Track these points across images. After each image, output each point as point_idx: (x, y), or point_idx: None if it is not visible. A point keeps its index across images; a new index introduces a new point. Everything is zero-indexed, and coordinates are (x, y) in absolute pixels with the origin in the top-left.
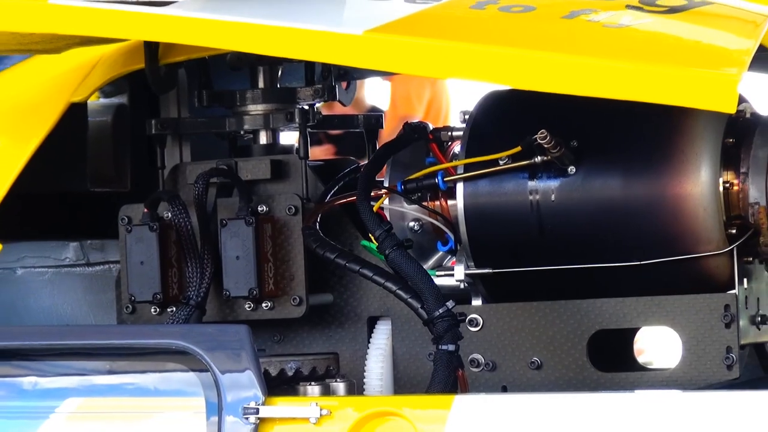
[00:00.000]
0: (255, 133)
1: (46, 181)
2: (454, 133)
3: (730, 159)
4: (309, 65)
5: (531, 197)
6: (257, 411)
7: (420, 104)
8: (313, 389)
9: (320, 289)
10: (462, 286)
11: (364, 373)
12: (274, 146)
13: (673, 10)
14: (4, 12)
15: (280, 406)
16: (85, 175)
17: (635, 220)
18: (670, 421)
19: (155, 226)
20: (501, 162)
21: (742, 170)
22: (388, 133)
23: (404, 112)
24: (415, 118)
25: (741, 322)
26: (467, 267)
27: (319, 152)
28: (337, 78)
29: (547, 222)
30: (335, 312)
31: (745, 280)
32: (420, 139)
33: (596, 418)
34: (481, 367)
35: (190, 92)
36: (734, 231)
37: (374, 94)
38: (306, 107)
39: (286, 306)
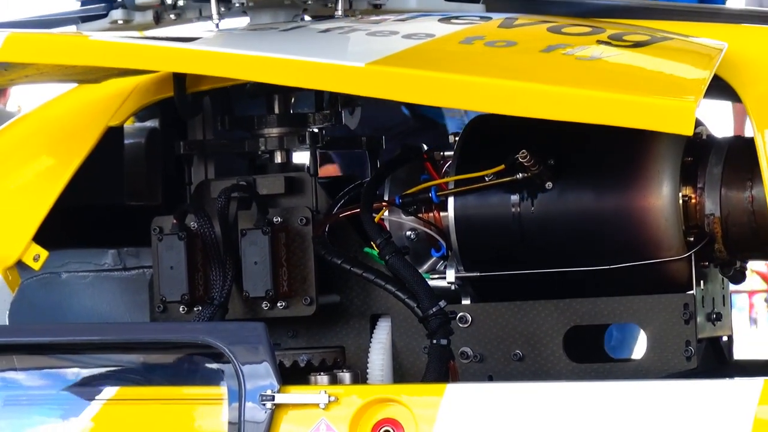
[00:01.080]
0: (271, 153)
1: (88, 196)
2: (446, 153)
3: (688, 175)
4: (318, 93)
5: (513, 209)
6: (273, 398)
7: None
8: (322, 378)
9: (328, 291)
10: (453, 287)
11: (367, 365)
12: (287, 165)
13: (638, 45)
14: (52, 47)
15: (293, 394)
16: (122, 191)
17: (605, 230)
18: (636, 407)
19: (183, 236)
20: (487, 179)
21: (699, 185)
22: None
23: None
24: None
25: (698, 319)
26: (457, 271)
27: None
28: (343, 105)
29: (527, 231)
30: (341, 311)
31: (702, 282)
32: (416, 159)
33: (571, 404)
34: (470, 359)
35: (213, 117)
36: (692, 239)
37: None
38: (316, 130)
39: (298, 305)
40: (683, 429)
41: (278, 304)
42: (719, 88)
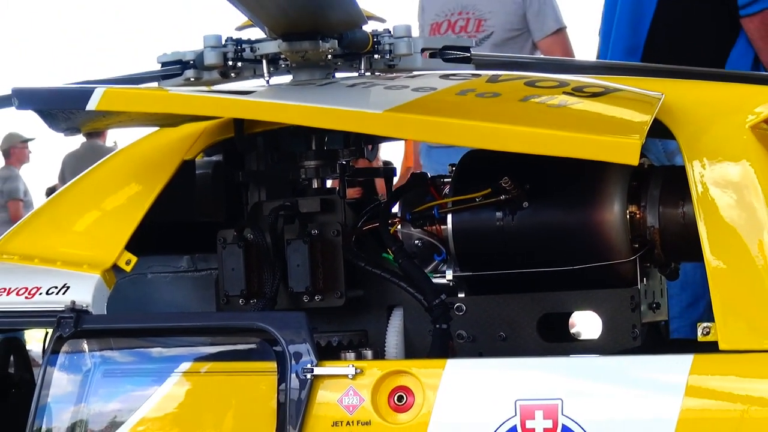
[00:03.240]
0: (309, 180)
1: (167, 214)
2: (445, 180)
3: (633, 196)
4: (346, 133)
5: (498, 223)
6: (312, 370)
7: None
8: (350, 355)
9: (354, 287)
10: (451, 284)
11: (385, 344)
12: (322, 189)
13: (595, 95)
14: (140, 99)
15: (327, 367)
16: (194, 210)
17: (570, 238)
18: (594, 377)
19: (242, 245)
20: (477, 200)
21: (642, 204)
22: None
23: (409, 164)
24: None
25: (642, 308)
26: (454, 271)
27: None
28: (364, 142)
29: (509, 240)
30: (365, 302)
31: (644, 279)
32: (422, 184)
33: (543, 374)
34: (464, 340)
35: (265, 153)
36: (637, 245)
37: (389, 151)
38: (344, 162)
39: (331, 298)
40: (631, 393)
41: (315, 297)
42: (659, 128)
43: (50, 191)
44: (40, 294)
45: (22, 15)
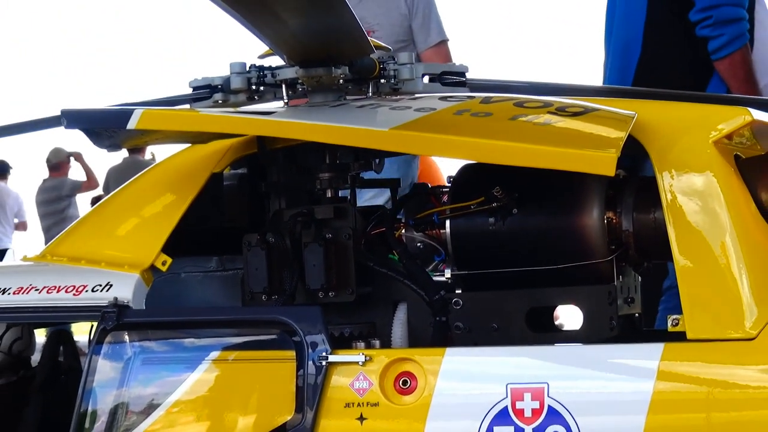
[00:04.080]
0: (324, 190)
1: (199, 220)
2: (444, 189)
3: (610, 203)
4: (356, 148)
5: (490, 227)
6: (326, 358)
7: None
8: (360, 344)
9: (364, 284)
10: (449, 281)
11: (391, 335)
12: (335, 198)
13: (575, 114)
14: (174, 119)
15: (340, 355)
16: (222, 217)
17: (554, 241)
18: (576, 362)
19: (264, 247)
20: (472, 207)
21: (618, 210)
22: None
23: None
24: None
25: (618, 302)
26: (452, 270)
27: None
28: (373, 156)
29: (500, 242)
30: (373, 298)
31: (620, 276)
32: (423, 194)
33: (531, 360)
34: (461, 331)
35: (284, 165)
36: (614, 247)
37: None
38: (354, 174)
39: (343, 294)
40: (609, 377)
41: (329, 294)
42: (632, 144)
43: (95, 200)
44: (87, 291)
45: (22, 15)
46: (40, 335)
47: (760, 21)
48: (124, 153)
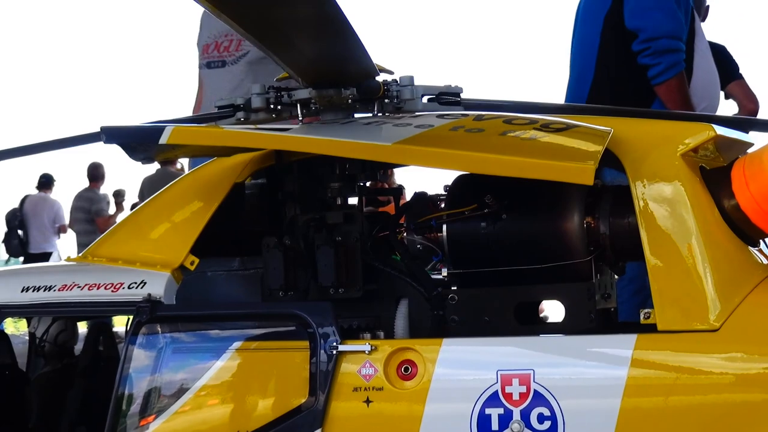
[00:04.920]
0: (334, 198)
1: (223, 225)
2: (441, 197)
3: (589, 209)
4: (363, 161)
5: (482, 231)
6: (336, 348)
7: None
8: (366, 335)
9: (370, 282)
10: (446, 279)
11: (394, 327)
12: (344, 205)
13: (558, 130)
14: (202, 135)
15: (349, 345)
16: (244, 222)
17: (540, 243)
18: (559, 351)
19: (281, 249)
20: (466, 213)
21: (596, 215)
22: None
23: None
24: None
25: (596, 297)
26: (449, 269)
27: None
28: (378, 168)
29: (491, 244)
30: (378, 294)
31: (598, 274)
32: (423, 201)
33: (518, 349)
34: (456, 323)
35: (299, 176)
36: (592, 248)
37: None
38: (362, 184)
39: (351, 291)
40: (588, 364)
41: (339, 290)
42: (609, 157)
43: (134, 206)
44: (123, 288)
45: (22, 15)
46: (83, 327)
47: (700, 51)
48: (156, 165)
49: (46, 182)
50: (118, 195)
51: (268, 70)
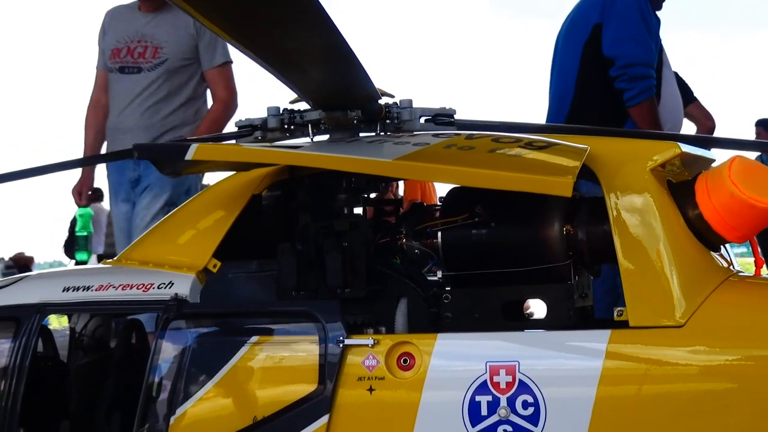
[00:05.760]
0: (341, 208)
1: (243, 232)
2: (436, 207)
3: (568, 218)
4: (367, 175)
5: (473, 237)
6: (343, 341)
7: (417, 192)
8: (370, 331)
9: (373, 283)
10: (440, 280)
11: (394, 323)
12: (350, 214)
13: (540, 148)
14: (223, 151)
15: (354, 339)
16: (260, 229)
17: (524, 248)
18: (541, 344)
19: (294, 253)
20: (458, 221)
21: (575, 224)
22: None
23: (411, 196)
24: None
25: (575, 297)
26: (443, 271)
27: None
28: (379, 181)
29: (482, 249)
30: (380, 294)
31: (576, 276)
32: (419, 211)
33: (505, 343)
34: (450, 320)
35: (310, 188)
36: (571, 253)
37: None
38: (365, 195)
39: (357, 290)
40: (567, 356)
41: (345, 290)
42: (586, 171)
43: None
44: (153, 288)
45: (21, 15)
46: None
47: (666, 78)
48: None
49: (99, 195)
50: None
51: (184, 77)
